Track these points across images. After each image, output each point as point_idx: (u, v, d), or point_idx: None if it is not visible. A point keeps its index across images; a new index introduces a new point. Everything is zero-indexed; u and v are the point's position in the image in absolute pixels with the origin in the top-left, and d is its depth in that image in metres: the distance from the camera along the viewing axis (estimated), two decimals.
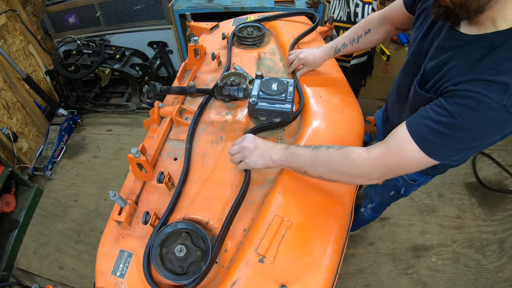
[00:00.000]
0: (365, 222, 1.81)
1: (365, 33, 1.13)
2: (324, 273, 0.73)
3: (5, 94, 2.37)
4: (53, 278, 1.89)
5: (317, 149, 0.81)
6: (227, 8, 2.27)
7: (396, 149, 0.72)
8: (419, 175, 1.14)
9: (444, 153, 0.68)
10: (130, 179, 0.98)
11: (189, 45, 1.34)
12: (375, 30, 1.11)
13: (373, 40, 1.14)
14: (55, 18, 2.70)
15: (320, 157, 0.80)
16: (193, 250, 0.79)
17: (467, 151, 0.70)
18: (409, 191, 1.25)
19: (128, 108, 2.85)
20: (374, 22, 1.11)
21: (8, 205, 2.08)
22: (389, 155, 0.73)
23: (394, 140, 0.73)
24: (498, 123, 0.63)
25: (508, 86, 0.60)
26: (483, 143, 0.67)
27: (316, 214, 0.83)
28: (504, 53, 0.63)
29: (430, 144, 0.68)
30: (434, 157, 0.69)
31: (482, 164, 2.31)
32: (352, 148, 0.79)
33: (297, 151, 0.84)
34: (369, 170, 0.76)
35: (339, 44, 1.17)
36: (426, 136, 0.68)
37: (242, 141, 0.91)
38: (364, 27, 1.13)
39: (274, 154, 0.86)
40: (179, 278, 0.75)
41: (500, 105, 0.60)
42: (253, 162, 0.87)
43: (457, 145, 0.67)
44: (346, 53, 1.20)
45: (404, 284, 1.75)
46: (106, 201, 2.26)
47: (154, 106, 1.14)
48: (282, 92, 1.04)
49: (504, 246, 1.87)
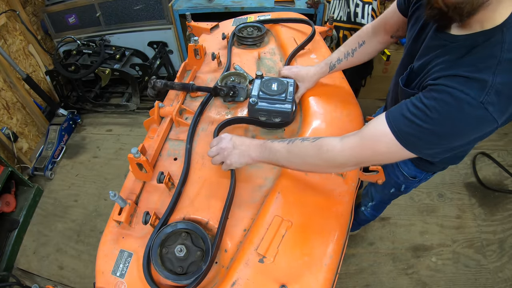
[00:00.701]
0: (365, 222, 1.81)
1: (360, 46, 1.10)
2: (324, 273, 0.73)
3: (5, 94, 2.37)
4: (53, 278, 1.89)
5: (292, 143, 0.82)
6: (227, 8, 2.27)
7: (371, 141, 0.72)
8: (419, 172, 1.14)
9: (420, 146, 0.68)
10: (130, 179, 0.98)
11: (189, 45, 1.34)
12: (369, 41, 1.08)
13: (370, 52, 1.11)
14: (55, 18, 2.70)
15: (295, 151, 0.81)
16: (193, 250, 0.79)
17: (443, 147, 0.69)
18: (409, 188, 1.25)
19: (128, 108, 2.85)
20: (367, 33, 1.08)
21: (8, 205, 2.08)
22: (363, 146, 0.73)
23: (369, 132, 0.73)
24: (474, 120, 0.62)
25: (486, 83, 0.60)
26: (460, 140, 0.66)
27: (316, 214, 0.83)
28: (485, 51, 0.63)
29: (407, 136, 0.67)
30: (411, 149, 0.69)
31: (482, 164, 2.31)
32: (326, 139, 0.79)
33: (272, 147, 0.85)
34: (343, 160, 0.76)
35: (333, 59, 1.14)
36: (403, 128, 0.67)
37: (220, 142, 0.90)
38: (358, 39, 1.10)
39: (252, 152, 0.87)
40: (179, 278, 0.75)
41: (476, 102, 0.60)
42: (235, 162, 0.88)
43: (433, 140, 0.66)
44: (343, 68, 1.16)
45: (404, 284, 1.75)
46: (106, 201, 2.26)
47: (154, 106, 1.14)
48: (282, 92, 1.04)
49: (504, 246, 1.87)
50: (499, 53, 0.61)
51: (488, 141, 2.48)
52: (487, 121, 0.62)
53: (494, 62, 0.61)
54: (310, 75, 1.14)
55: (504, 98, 0.61)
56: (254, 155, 0.87)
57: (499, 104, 0.61)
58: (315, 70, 1.15)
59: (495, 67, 0.60)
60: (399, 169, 1.18)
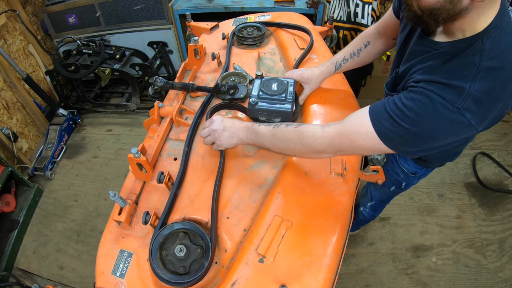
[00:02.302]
0: (365, 222, 1.81)
1: (365, 46, 1.10)
2: (324, 273, 0.73)
3: (5, 94, 2.37)
4: (53, 278, 1.89)
5: (277, 127, 0.86)
6: (227, 8, 2.27)
7: (351, 131, 0.74)
8: (419, 168, 1.15)
9: (397, 143, 0.69)
10: (130, 179, 0.98)
11: (189, 45, 1.34)
12: (374, 43, 1.09)
13: (374, 52, 1.11)
14: (55, 18, 2.70)
15: (279, 135, 0.85)
16: (193, 248, 0.79)
17: (420, 146, 0.70)
18: (409, 185, 1.25)
19: (128, 108, 2.85)
20: (371, 35, 1.09)
21: (8, 205, 2.08)
22: (342, 135, 0.75)
23: (350, 122, 0.75)
24: (449, 123, 0.63)
25: (463, 90, 0.61)
26: (436, 141, 0.67)
27: (316, 214, 0.83)
28: (465, 59, 0.64)
29: (386, 131, 0.69)
30: (388, 144, 0.70)
31: (482, 164, 2.31)
32: (309, 126, 0.82)
33: (259, 130, 0.89)
34: (323, 147, 0.79)
35: (339, 59, 1.13)
36: (383, 122, 0.69)
37: (211, 124, 0.95)
38: (363, 39, 1.11)
39: (241, 134, 0.92)
40: (183, 278, 0.75)
41: (452, 107, 0.61)
42: (225, 143, 0.94)
43: (409, 138, 0.67)
44: (348, 68, 1.15)
45: (404, 284, 1.75)
46: (106, 201, 2.26)
47: (154, 106, 1.14)
48: (282, 92, 1.04)
49: (504, 246, 1.87)
50: (478, 61, 0.62)
51: (488, 141, 2.49)
52: (464, 127, 0.63)
53: (473, 70, 0.62)
54: (315, 76, 1.14)
55: (484, 106, 0.62)
56: (242, 136, 0.92)
57: (477, 112, 0.62)
58: (320, 70, 1.15)
59: (473, 75, 0.61)
60: (398, 166, 1.18)
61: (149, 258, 0.77)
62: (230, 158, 1.01)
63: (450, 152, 1.04)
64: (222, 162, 0.96)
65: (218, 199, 0.89)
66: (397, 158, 1.17)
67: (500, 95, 0.63)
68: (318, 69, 1.15)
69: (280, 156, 1.00)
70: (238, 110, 1.16)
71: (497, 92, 0.62)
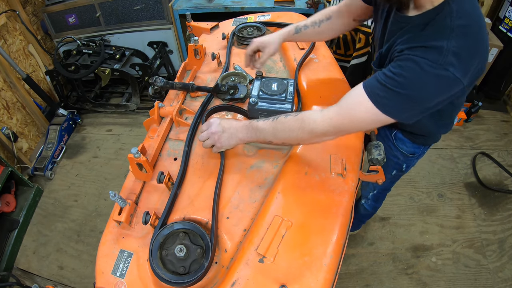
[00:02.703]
0: (366, 218, 1.80)
1: (327, 19, 1.12)
2: (324, 273, 0.73)
3: (5, 94, 2.37)
4: (53, 278, 1.89)
5: (276, 120, 0.88)
6: (227, 8, 2.27)
7: (349, 109, 0.79)
8: (417, 147, 1.18)
9: (395, 109, 0.74)
10: (130, 179, 0.98)
11: (189, 45, 1.34)
12: (336, 19, 1.11)
13: (334, 28, 1.13)
14: (55, 18, 2.70)
15: (280, 127, 0.87)
16: (193, 248, 0.79)
17: (416, 108, 0.75)
18: (410, 166, 1.28)
19: (128, 108, 2.85)
20: (334, 12, 1.11)
21: (8, 205, 2.08)
22: (342, 115, 0.80)
23: (347, 101, 0.80)
24: (437, 79, 0.69)
25: (442, 48, 0.68)
26: (429, 100, 0.73)
27: (316, 214, 0.83)
28: (437, 23, 0.71)
29: (382, 100, 0.74)
30: (387, 113, 0.75)
31: (482, 164, 2.31)
32: (307, 112, 0.86)
33: (258, 126, 0.91)
34: (324, 130, 0.82)
35: (301, 24, 1.14)
36: (378, 93, 0.74)
37: (209, 127, 0.96)
38: (326, 14, 1.13)
39: (240, 134, 0.94)
40: (183, 278, 0.75)
41: (436, 64, 0.68)
42: (225, 145, 0.95)
43: (404, 102, 0.73)
44: (308, 37, 1.16)
45: (404, 284, 1.75)
46: (106, 201, 2.26)
47: (154, 106, 1.14)
48: (282, 92, 1.04)
49: (504, 246, 1.87)
50: (449, 22, 0.69)
51: (488, 141, 2.49)
52: (451, 81, 0.69)
53: (447, 30, 0.69)
54: (273, 38, 1.13)
55: (463, 59, 0.68)
56: (242, 136, 0.93)
57: (459, 65, 0.68)
58: (278, 33, 1.15)
59: (448, 34, 0.69)
60: (397, 149, 1.21)
61: (149, 258, 0.77)
62: (230, 158, 1.01)
63: (443, 122, 1.08)
64: (222, 163, 0.96)
65: (219, 200, 0.89)
66: (394, 142, 1.20)
67: (476, 49, 0.71)
68: (277, 32, 1.15)
69: (280, 156, 1.00)
70: (236, 112, 1.16)
71: (473, 46, 0.70)
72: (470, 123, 2.66)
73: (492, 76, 2.65)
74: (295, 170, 0.92)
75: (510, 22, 2.43)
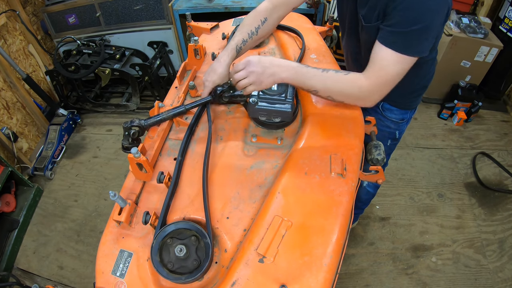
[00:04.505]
0: (366, 203, 1.77)
1: (263, 23, 1.10)
2: (324, 273, 0.73)
3: (5, 94, 2.37)
4: (53, 278, 1.89)
5: (326, 72, 0.91)
6: (227, 8, 2.27)
7: (385, 70, 0.88)
8: (404, 112, 1.26)
9: (414, 46, 0.84)
10: (130, 179, 0.98)
11: (189, 45, 1.34)
12: (271, 17, 1.10)
13: (271, 28, 1.14)
14: (55, 18, 2.70)
15: (332, 79, 0.91)
16: (193, 248, 0.79)
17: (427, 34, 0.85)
18: (401, 132, 1.34)
19: (128, 108, 2.85)
20: (267, 10, 1.10)
21: (8, 205, 2.08)
22: (382, 78, 0.88)
23: (379, 65, 0.88)
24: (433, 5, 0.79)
25: None
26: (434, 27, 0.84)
27: (316, 214, 0.83)
28: None
29: (401, 44, 0.84)
30: (411, 53, 0.85)
31: (482, 164, 2.31)
32: (356, 74, 0.91)
33: (309, 71, 0.92)
34: (369, 91, 0.90)
35: (239, 42, 1.08)
36: (395, 39, 0.84)
37: (248, 66, 0.93)
38: (260, 16, 1.10)
39: (283, 73, 0.93)
40: (183, 277, 0.75)
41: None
42: (264, 84, 0.94)
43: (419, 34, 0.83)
44: (248, 49, 1.14)
45: (404, 284, 1.75)
46: (106, 201, 2.26)
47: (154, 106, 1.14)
48: (282, 92, 1.04)
49: (504, 246, 1.87)
50: None
51: (488, 141, 2.49)
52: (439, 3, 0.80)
53: None
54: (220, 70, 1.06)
55: None
56: (286, 75, 0.93)
57: None
58: (223, 61, 1.06)
59: None
60: (387, 119, 1.27)
61: (150, 258, 0.77)
62: (230, 158, 1.01)
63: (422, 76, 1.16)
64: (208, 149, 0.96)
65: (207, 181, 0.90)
66: (383, 113, 1.26)
67: None
68: (220, 62, 1.06)
69: (280, 156, 1.00)
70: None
71: None
72: (470, 123, 2.66)
73: (492, 76, 2.66)
74: (295, 170, 0.92)
75: (510, 22, 2.43)
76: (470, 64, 2.56)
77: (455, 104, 2.59)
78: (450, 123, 2.68)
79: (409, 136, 2.56)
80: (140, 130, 1.02)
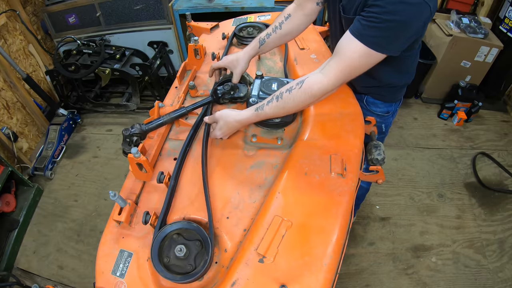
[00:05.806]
0: (361, 199, 1.79)
1: (286, 18, 1.16)
2: (324, 273, 0.73)
3: (5, 94, 2.37)
4: (53, 278, 1.89)
5: (281, 99, 0.93)
6: (227, 8, 2.27)
7: (347, 60, 0.87)
8: (389, 105, 1.26)
9: (385, 43, 0.83)
10: (130, 179, 0.98)
11: (189, 45, 1.34)
12: (295, 14, 1.15)
13: (297, 23, 1.17)
14: (55, 18, 2.70)
15: (287, 100, 0.93)
16: (193, 248, 0.79)
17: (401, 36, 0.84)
18: (388, 125, 1.35)
19: (128, 108, 2.85)
20: (290, 9, 1.16)
21: (8, 205, 2.08)
22: (342, 67, 0.87)
23: (342, 53, 0.87)
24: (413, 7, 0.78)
25: None
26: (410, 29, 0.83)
27: (316, 214, 0.83)
28: None
29: (372, 39, 0.83)
30: (379, 50, 0.84)
31: (482, 164, 2.31)
32: (309, 79, 0.91)
33: (267, 114, 0.96)
34: (332, 87, 0.90)
35: (263, 35, 1.18)
36: (368, 33, 0.83)
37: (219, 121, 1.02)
38: (284, 14, 1.17)
39: (246, 124, 1.02)
40: (183, 277, 0.75)
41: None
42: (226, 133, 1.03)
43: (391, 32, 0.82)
44: (274, 43, 1.19)
45: (404, 284, 1.75)
46: (106, 201, 2.26)
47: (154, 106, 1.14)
48: None
49: (504, 246, 1.87)
50: None
51: (488, 141, 2.49)
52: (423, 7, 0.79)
53: None
54: (240, 57, 1.16)
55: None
56: (248, 124, 1.03)
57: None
58: (244, 51, 1.17)
59: None
60: (372, 114, 1.26)
61: (150, 258, 0.77)
62: (230, 158, 1.02)
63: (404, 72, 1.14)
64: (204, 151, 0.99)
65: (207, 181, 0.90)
66: (367, 107, 1.26)
67: None
68: (244, 50, 1.18)
69: (280, 156, 1.00)
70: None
71: None
72: (470, 123, 2.66)
73: (492, 76, 2.65)
74: (295, 170, 0.92)
75: (510, 22, 2.43)
76: (470, 64, 2.56)
77: (455, 104, 2.59)
78: (450, 123, 2.68)
79: (409, 136, 2.56)
80: (141, 135, 1.04)
